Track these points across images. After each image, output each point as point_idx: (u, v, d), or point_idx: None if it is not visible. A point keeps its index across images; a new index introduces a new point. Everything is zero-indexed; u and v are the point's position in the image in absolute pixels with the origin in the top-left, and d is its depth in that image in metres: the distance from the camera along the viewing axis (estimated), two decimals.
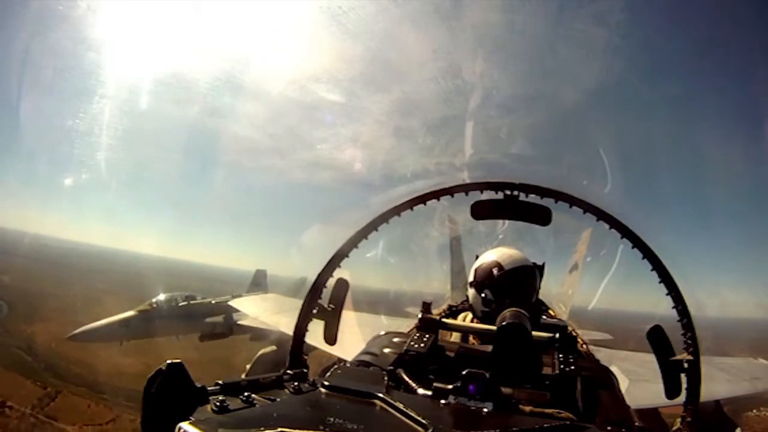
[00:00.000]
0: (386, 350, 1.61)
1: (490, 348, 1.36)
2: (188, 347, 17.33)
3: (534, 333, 1.40)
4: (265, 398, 0.97)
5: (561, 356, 1.46)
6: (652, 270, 1.90)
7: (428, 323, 1.69)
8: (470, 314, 2.68)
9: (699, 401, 1.81)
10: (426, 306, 1.79)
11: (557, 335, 1.58)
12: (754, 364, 8.58)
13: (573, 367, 1.40)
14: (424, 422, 0.85)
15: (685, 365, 1.76)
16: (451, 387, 1.06)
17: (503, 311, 1.43)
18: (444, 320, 1.78)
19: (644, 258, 1.91)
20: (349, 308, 2.01)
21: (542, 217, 1.95)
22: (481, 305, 2.53)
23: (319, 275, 1.95)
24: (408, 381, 1.28)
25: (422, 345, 1.55)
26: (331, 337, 1.90)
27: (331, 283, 1.93)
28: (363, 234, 1.97)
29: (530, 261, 2.63)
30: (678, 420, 1.87)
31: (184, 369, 0.88)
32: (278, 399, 0.99)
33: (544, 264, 2.86)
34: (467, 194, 1.97)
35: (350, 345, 2.14)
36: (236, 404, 0.89)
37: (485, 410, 1.01)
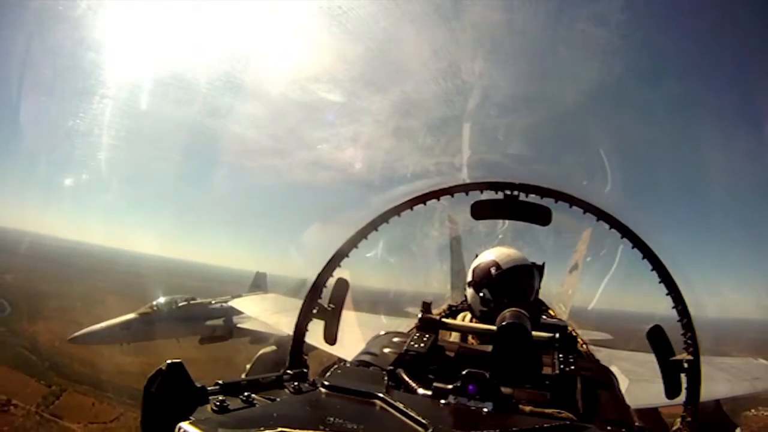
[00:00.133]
0: (386, 350, 1.60)
1: (490, 348, 1.36)
2: (189, 346, 17.37)
3: (534, 333, 1.41)
4: (265, 398, 0.97)
5: (561, 356, 1.46)
6: (652, 270, 1.90)
7: (428, 323, 1.69)
8: (469, 314, 2.69)
9: (699, 401, 1.81)
10: (426, 306, 1.78)
11: (557, 335, 1.57)
12: (754, 364, 8.58)
13: (573, 367, 1.40)
14: (424, 422, 0.85)
15: (685, 365, 1.76)
16: (451, 387, 1.06)
17: (503, 311, 1.43)
18: (444, 320, 1.78)
19: (644, 258, 1.91)
20: (349, 308, 2.01)
21: (542, 217, 1.95)
22: (480, 305, 2.53)
23: (319, 275, 1.95)
24: (408, 381, 1.28)
25: (422, 345, 1.55)
26: (331, 337, 1.91)
27: (331, 283, 1.93)
28: (363, 234, 1.97)
29: (529, 260, 2.63)
30: (678, 420, 1.87)
31: (184, 369, 0.89)
32: (278, 399, 0.99)
33: (544, 264, 2.86)
34: (467, 194, 1.98)
35: (350, 345, 2.14)
36: (236, 404, 0.89)
37: (485, 410, 1.00)
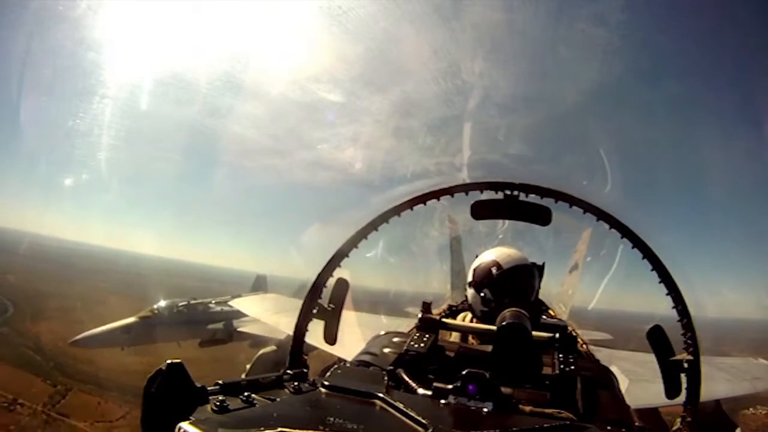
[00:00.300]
0: (386, 350, 1.61)
1: (490, 348, 1.36)
2: (191, 346, 17.44)
3: (534, 333, 1.41)
4: (265, 398, 0.97)
5: (561, 356, 1.46)
6: (652, 270, 1.90)
7: (428, 323, 1.69)
8: (470, 314, 2.69)
9: (699, 401, 1.81)
10: (426, 306, 1.79)
11: (557, 335, 1.57)
12: (754, 364, 8.58)
13: (573, 367, 1.40)
14: (424, 422, 0.85)
15: (685, 365, 1.76)
16: (451, 387, 1.06)
17: (503, 311, 1.43)
18: (444, 320, 1.78)
19: (644, 258, 1.91)
20: (349, 308, 2.01)
21: (542, 217, 1.95)
22: (480, 305, 2.53)
23: (319, 275, 1.95)
24: (408, 381, 1.28)
25: (422, 345, 1.55)
26: (331, 337, 1.91)
27: (331, 283, 1.93)
28: (363, 234, 1.97)
29: (529, 260, 2.64)
30: (678, 420, 1.87)
31: (184, 369, 0.89)
32: (278, 399, 0.99)
33: (544, 264, 2.86)
34: (467, 194, 1.98)
35: (350, 345, 2.14)
36: (236, 404, 0.89)
37: (485, 410, 1.00)
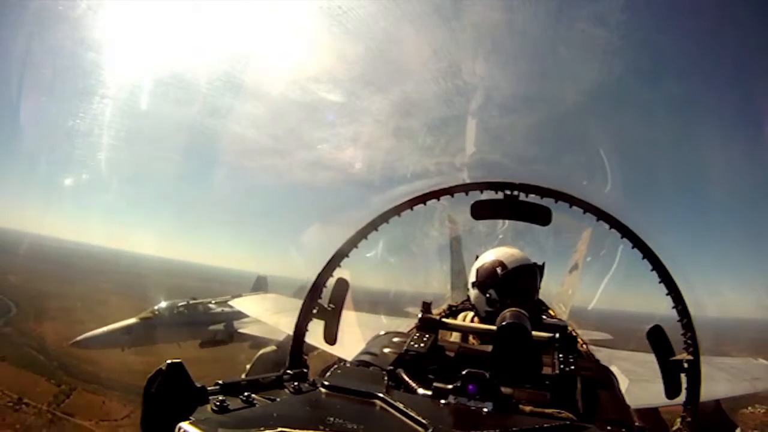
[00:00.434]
0: (386, 350, 1.60)
1: (490, 348, 1.36)
2: (192, 346, 17.48)
3: (534, 333, 1.41)
4: (265, 398, 0.97)
5: (561, 356, 1.46)
6: (652, 270, 1.90)
7: (428, 323, 1.69)
8: (470, 314, 2.68)
9: (699, 401, 1.81)
10: (426, 306, 1.78)
11: (557, 335, 1.57)
12: (754, 364, 8.59)
13: (573, 367, 1.39)
14: (424, 422, 0.85)
15: (685, 365, 1.76)
16: (451, 387, 1.06)
17: (503, 311, 1.43)
18: (444, 320, 1.78)
19: (644, 258, 1.91)
20: (349, 308, 2.01)
21: (542, 217, 1.95)
22: (486, 305, 2.53)
23: (319, 275, 1.95)
24: (408, 381, 1.28)
25: (422, 345, 1.55)
26: (331, 337, 1.91)
27: (331, 283, 1.93)
28: (363, 234, 1.97)
29: (531, 260, 2.64)
30: (678, 420, 1.87)
31: (184, 369, 0.89)
32: (278, 399, 0.99)
33: (544, 264, 2.86)
34: (467, 194, 1.98)
35: (350, 345, 2.14)
36: (236, 404, 0.89)
37: (485, 410, 1.00)
